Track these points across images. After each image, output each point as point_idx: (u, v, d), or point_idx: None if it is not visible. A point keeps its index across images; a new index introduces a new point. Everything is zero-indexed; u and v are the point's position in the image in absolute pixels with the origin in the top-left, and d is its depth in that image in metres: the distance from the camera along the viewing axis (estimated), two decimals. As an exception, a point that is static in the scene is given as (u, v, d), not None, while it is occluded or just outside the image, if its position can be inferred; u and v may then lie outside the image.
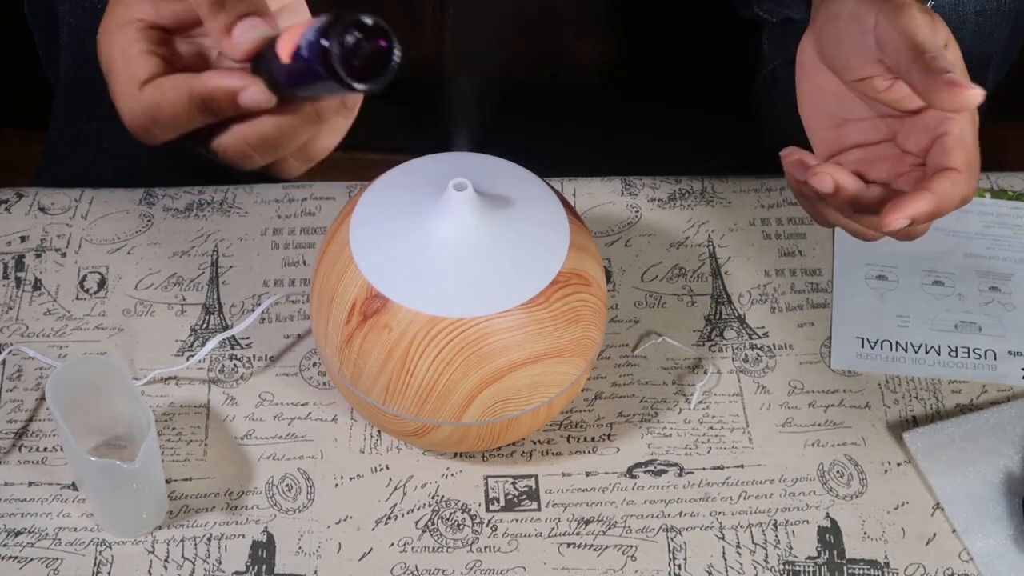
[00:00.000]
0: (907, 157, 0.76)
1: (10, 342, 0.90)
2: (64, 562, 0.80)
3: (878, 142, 0.77)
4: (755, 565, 0.81)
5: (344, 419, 0.87)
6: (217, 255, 0.95)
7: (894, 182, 0.75)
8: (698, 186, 1.01)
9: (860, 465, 0.86)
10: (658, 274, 0.96)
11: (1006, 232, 0.98)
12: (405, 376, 0.75)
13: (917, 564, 0.82)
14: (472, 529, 0.83)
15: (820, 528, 0.83)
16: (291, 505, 0.83)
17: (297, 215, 0.98)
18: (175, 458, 0.85)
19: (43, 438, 0.85)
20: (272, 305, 0.92)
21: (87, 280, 0.93)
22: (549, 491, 0.85)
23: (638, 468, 0.86)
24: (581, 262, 0.78)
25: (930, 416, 0.89)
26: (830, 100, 0.78)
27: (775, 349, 0.92)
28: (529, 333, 0.75)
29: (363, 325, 0.75)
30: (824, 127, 0.79)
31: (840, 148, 0.78)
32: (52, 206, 0.97)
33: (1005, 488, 0.84)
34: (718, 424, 0.88)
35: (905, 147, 0.76)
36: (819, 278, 0.95)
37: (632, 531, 0.83)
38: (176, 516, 0.82)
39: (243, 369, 0.89)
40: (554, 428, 0.87)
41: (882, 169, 0.76)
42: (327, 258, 0.79)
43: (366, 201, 0.79)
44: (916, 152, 0.75)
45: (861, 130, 0.77)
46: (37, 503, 0.82)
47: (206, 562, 0.80)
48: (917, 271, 0.96)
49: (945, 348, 0.92)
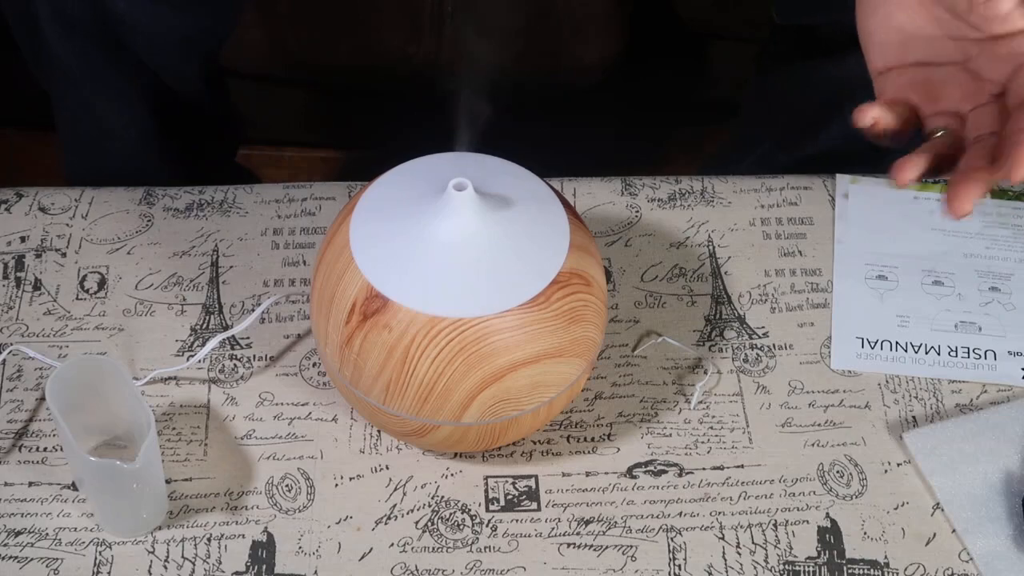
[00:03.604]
0: (985, 85, 0.70)
1: (10, 342, 0.90)
2: (64, 562, 0.80)
3: (944, 63, 0.72)
4: (755, 565, 0.82)
5: (344, 419, 0.87)
6: (217, 255, 0.95)
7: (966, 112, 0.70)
8: (698, 186, 1.01)
9: (860, 465, 0.86)
10: (658, 274, 0.96)
11: (1006, 232, 0.98)
12: (405, 376, 0.75)
13: (917, 564, 0.82)
14: (472, 529, 0.83)
15: (820, 528, 0.83)
16: (291, 505, 0.83)
17: (297, 215, 0.98)
18: (175, 458, 0.85)
19: (43, 438, 0.85)
20: (272, 305, 0.92)
21: (87, 280, 0.93)
22: (549, 491, 0.85)
23: (638, 468, 0.86)
24: (581, 262, 0.78)
25: (930, 416, 0.89)
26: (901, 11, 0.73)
27: (775, 349, 0.92)
28: (529, 333, 0.75)
29: (363, 325, 0.75)
30: (887, 39, 0.73)
31: (902, 62, 0.73)
32: (52, 206, 0.97)
33: (1005, 488, 0.84)
34: (718, 424, 0.88)
35: (982, 73, 0.70)
36: (819, 278, 0.95)
37: (632, 531, 0.83)
38: (176, 516, 0.82)
39: (243, 369, 0.89)
40: (554, 428, 0.87)
41: (953, 95, 0.71)
42: (327, 258, 0.79)
43: (366, 201, 0.79)
44: (996, 80, 0.69)
45: (930, 48, 0.72)
46: (37, 503, 0.82)
47: (206, 562, 0.80)
48: (917, 271, 0.96)
49: (945, 348, 0.92)
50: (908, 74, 0.73)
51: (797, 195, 1.00)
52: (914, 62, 0.73)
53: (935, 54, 0.72)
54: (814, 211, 0.99)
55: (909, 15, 0.73)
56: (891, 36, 0.73)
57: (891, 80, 0.73)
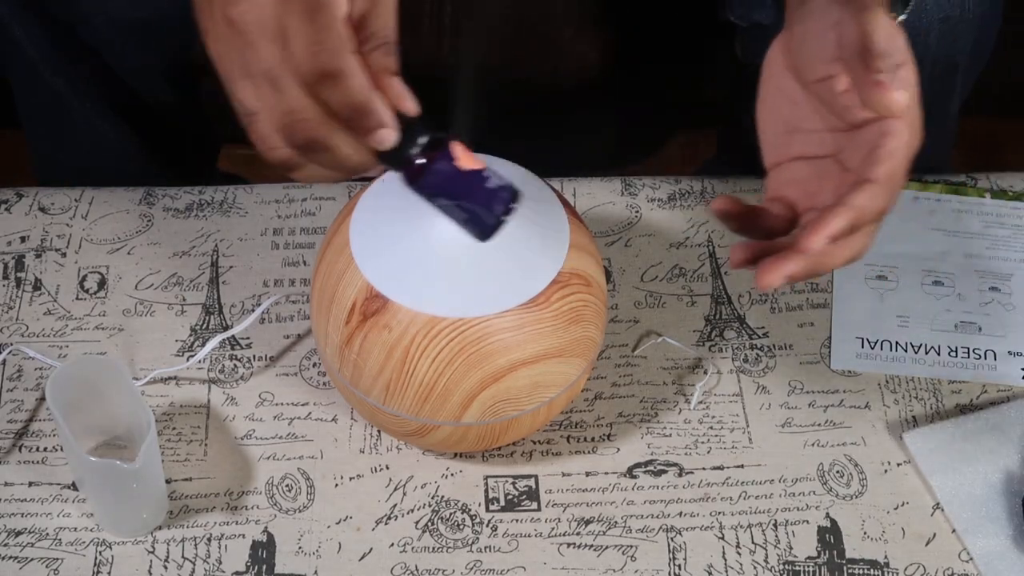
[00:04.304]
0: (848, 176, 0.73)
1: (10, 342, 0.90)
2: (64, 562, 0.80)
3: (823, 156, 0.75)
4: (755, 565, 0.82)
5: (344, 419, 0.87)
6: (217, 255, 0.95)
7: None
8: (698, 186, 1.01)
9: (860, 465, 0.86)
10: (658, 274, 0.96)
11: (1006, 232, 0.98)
12: (405, 376, 0.75)
13: (917, 564, 0.82)
14: (472, 529, 0.83)
15: (820, 528, 0.83)
16: (291, 505, 0.83)
17: (297, 215, 0.98)
18: (175, 458, 0.85)
19: (43, 438, 0.85)
20: (272, 305, 0.92)
21: (87, 280, 0.93)
22: (549, 491, 0.85)
23: (638, 468, 0.86)
24: (581, 262, 0.78)
25: (930, 416, 0.89)
26: (786, 104, 0.76)
27: (775, 349, 0.92)
28: (529, 333, 0.75)
29: (363, 325, 0.75)
30: (775, 132, 0.77)
31: (786, 156, 0.76)
32: (52, 206, 0.97)
33: (1005, 488, 0.84)
34: (718, 424, 0.88)
35: (846, 164, 0.74)
36: (819, 278, 0.95)
37: (632, 531, 0.83)
38: (176, 516, 0.82)
39: (243, 369, 0.89)
40: (554, 428, 0.87)
41: (828, 189, 0.73)
42: (327, 258, 0.79)
43: (366, 201, 0.79)
44: (854, 169, 0.73)
45: (809, 141, 0.76)
46: (37, 503, 0.82)
47: (206, 562, 0.80)
48: (917, 271, 0.96)
49: (945, 348, 0.92)
50: (791, 170, 0.75)
51: (797, 195, 1.00)
52: (796, 156, 0.75)
53: (814, 148, 0.75)
54: (814, 211, 0.99)
55: (793, 109, 0.75)
56: (779, 128, 0.76)
57: (775, 177, 0.76)
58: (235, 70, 0.64)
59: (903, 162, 0.70)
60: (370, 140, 0.63)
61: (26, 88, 1.07)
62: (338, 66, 0.62)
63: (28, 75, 1.04)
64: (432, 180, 0.66)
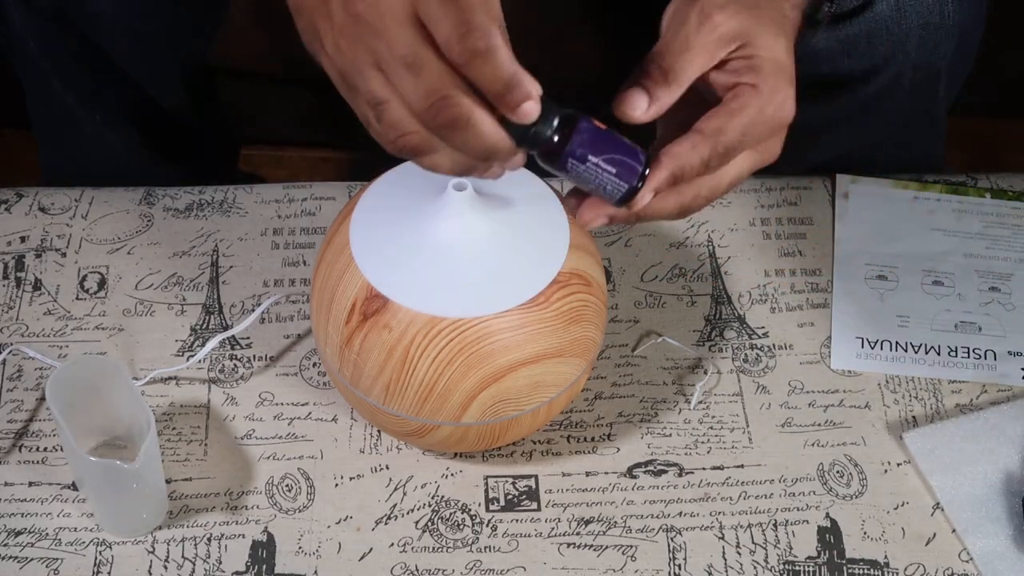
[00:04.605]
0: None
1: (10, 342, 0.90)
2: (64, 562, 0.80)
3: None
4: (755, 565, 0.81)
5: (344, 419, 0.87)
6: (217, 255, 0.95)
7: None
8: (698, 186, 1.00)
9: (860, 465, 0.86)
10: (658, 274, 0.96)
11: (1006, 232, 0.98)
12: (405, 376, 0.75)
13: (917, 564, 0.82)
14: (472, 529, 0.83)
15: (820, 528, 0.83)
16: (291, 505, 0.83)
17: (297, 215, 0.98)
18: (175, 458, 0.85)
19: (43, 438, 0.85)
20: (272, 305, 0.92)
21: (87, 280, 0.93)
22: (549, 491, 0.84)
23: (638, 468, 0.86)
24: (581, 262, 0.78)
25: (930, 416, 0.89)
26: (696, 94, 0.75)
27: (775, 349, 0.92)
28: (529, 333, 0.75)
29: (363, 325, 0.75)
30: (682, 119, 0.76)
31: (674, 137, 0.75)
32: (52, 206, 0.97)
33: (1005, 488, 0.84)
34: (718, 424, 0.88)
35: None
36: (819, 278, 0.95)
37: (632, 531, 0.83)
38: (176, 516, 0.82)
39: (243, 369, 0.89)
40: (554, 428, 0.87)
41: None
42: (327, 258, 0.79)
43: (366, 201, 0.79)
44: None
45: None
46: (37, 503, 0.82)
47: (206, 562, 0.80)
48: (917, 271, 0.96)
49: (945, 348, 0.92)
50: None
51: (797, 195, 1.00)
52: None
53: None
54: (814, 211, 0.99)
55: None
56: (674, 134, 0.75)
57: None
58: (362, 62, 0.64)
59: (751, 125, 0.70)
60: (516, 114, 0.63)
61: (38, 100, 1.07)
62: (489, 43, 0.62)
63: (41, 89, 1.04)
64: (581, 139, 0.67)
